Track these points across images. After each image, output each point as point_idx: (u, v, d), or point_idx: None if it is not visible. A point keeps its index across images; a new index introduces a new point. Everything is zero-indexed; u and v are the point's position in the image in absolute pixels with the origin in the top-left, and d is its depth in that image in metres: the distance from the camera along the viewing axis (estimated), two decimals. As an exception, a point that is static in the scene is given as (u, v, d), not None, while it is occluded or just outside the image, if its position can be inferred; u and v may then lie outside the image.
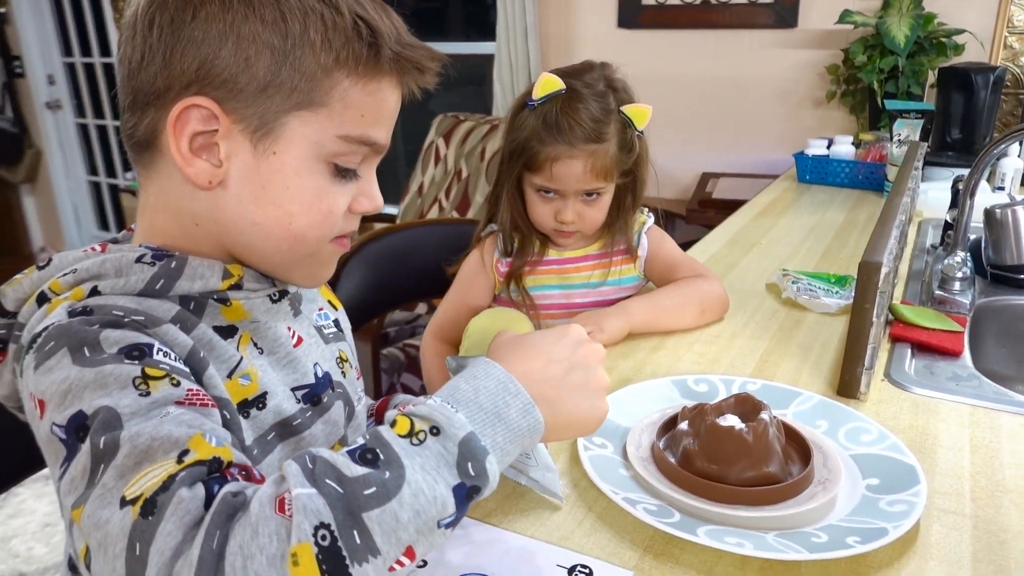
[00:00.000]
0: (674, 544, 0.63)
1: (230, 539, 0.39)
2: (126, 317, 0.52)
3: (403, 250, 1.37)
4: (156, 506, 0.40)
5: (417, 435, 0.44)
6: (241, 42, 0.52)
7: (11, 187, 4.23)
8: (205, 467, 0.43)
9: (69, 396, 0.46)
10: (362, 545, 0.39)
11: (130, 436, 0.43)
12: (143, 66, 0.54)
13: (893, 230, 0.95)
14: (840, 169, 2.00)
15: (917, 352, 1.00)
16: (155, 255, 0.57)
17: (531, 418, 0.49)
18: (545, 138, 1.03)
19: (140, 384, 0.47)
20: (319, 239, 0.59)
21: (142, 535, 0.39)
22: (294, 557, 0.38)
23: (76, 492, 0.43)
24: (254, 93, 0.53)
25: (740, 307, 1.15)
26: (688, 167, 2.77)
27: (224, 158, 0.55)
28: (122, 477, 0.42)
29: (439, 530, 0.43)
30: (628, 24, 2.72)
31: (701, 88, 2.69)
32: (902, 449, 0.72)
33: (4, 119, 4.02)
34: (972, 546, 0.63)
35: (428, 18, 3.50)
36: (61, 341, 0.49)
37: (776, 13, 2.50)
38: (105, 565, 0.40)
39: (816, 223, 1.66)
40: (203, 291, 0.58)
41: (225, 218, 0.57)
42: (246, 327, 0.62)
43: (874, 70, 2.16)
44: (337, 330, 0.75)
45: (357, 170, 0.60)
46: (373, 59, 0.56)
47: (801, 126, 2.53)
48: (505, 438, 0.47)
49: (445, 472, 0.43)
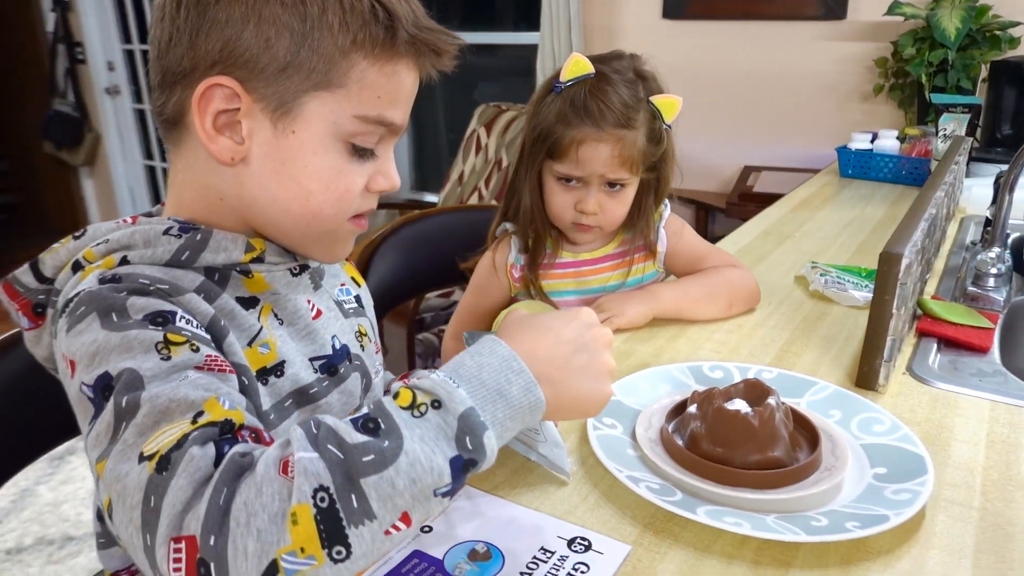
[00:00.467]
0: (674, 522, 0.64)
1: (236, 496, 0.41)
2: (152, 285, 0.55)
3: (436, 235, 1.40)
4: (170, 462, 0.42)
5: (419, 407, 0.45)
6: (262, 24, 0.55)
7: (72, 169, 4.40)
8: (217, 428, 0.45)
9: (97, 358, 0.49)
10: (359, 509, 0.41)
11: (150, 397, 0.46)
12: (171, 46, 0.57)
13: (921, 223, 0.94)
14: (883, 164, 1.96)
15: (943, 347, 0.99)
16: (182, 228, 0.60)
17: (532, 396, 0.50)
18: (572, 120, 0.99)
19: (162, 349, 0.50)
20: (336, 216, 0.62)
21: (156, 489, 0.42)
22: (293, 516, 0.40)
23: (100, 447, 0.46)
24: (274, 73, 0.56)
25: (766, 298, 1.14)
26: (730, 160, 2.74)
27: (246, 136, 0.58)
28: (142, 435, 0.45)
29: (435, 498, 0.44)
30: (673, 15, 2.70)
31: (746, 80, 2.66)
32: (913, 440, 0.72)
33: (66, 104, 4.18)
34: (976, 537, 0.63)
35: (477, 7, 3.53)
36: (91, 306, 0.52)
37: (825, 5, 2.45)
38: (123, 515, 0.43)
39: (854, 218, 1.63)
40: (226, 263, 0.61)
41: (247, 194, 0.60)
42: (267, 299, 0.64)
43: (922, 63, 2.11)
44: (358, 305, 0.78)
45: (374, 150, 0.62)
46: (390, 41, 0.57)
47: (847, 120, 2.48)
48: (505, 414, 0.48)
49: (443, 444, 0.45)
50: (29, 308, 0.60)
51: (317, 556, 0.40)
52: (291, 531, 0.40)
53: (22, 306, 0.61)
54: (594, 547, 0.61)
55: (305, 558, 0.40)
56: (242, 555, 0.39)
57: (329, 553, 0.40)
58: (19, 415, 0.82)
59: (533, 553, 0.60)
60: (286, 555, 0.40)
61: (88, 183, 4.48)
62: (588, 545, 0.61)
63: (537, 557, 0.60)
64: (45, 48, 4.16)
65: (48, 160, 4.36)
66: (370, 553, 0.42)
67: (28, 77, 4.32)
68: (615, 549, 0.61)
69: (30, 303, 0.60)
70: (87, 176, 4.46)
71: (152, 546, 0.41)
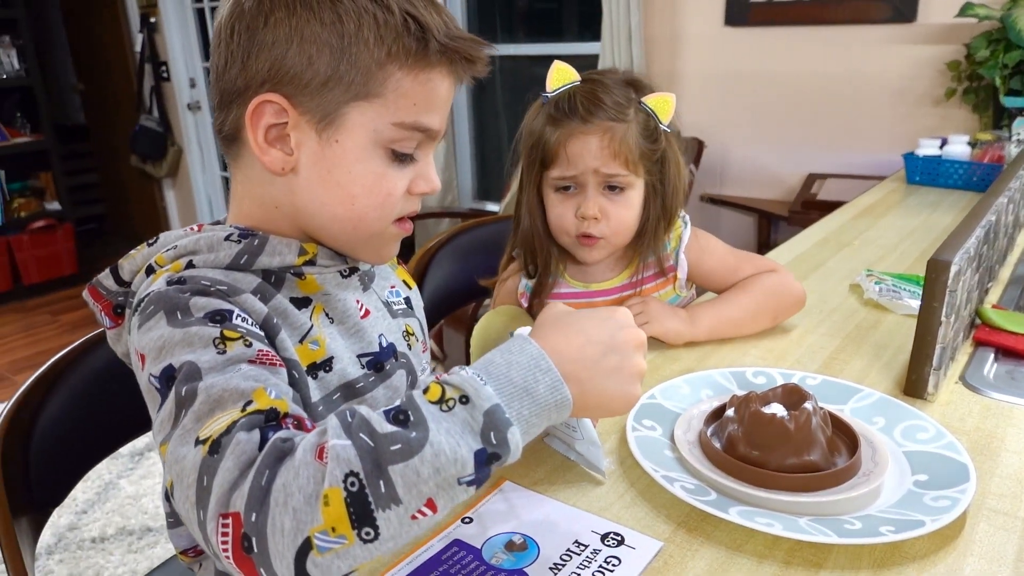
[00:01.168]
0: (708, 522, 0.65)
1: (276, 478, 0.44)
2: (212, 287, 0.60)
3: (491, 242, 1.43)
4: (220, 446, 0.47)
5: (447, 402, 0.48)
6: (304, 43, 0.59)
7: (155, 181, 4.65)
8: (263, 416, 0.49)
9: (163, 352, 0.55)
10: (386, 494, 0.44)
11: (206, 387, 0.51)
12: (227, 69, 0.63)
13: (976, 230, 0.92)
14: (953, 170, 1.90)
15: (1001, 357, 0.96)
16: (241, 234, 0.65)
17: (559, 394, 0.51)
18: (559, 120, 0.95)
19: (219, 344, 0.54)
20: (380, 219, 0.66)
21: (208, 469, 0.46)
22: (325, 498, 0.43)
23: (163, 432, 0.51)
24: (317, 88, 0.60)
25: (817, 306, 1.14)
26: (794, 168, 2.70)
27: (295, 147, 0.63)
28: (198, 420, 0.49)
29: (460, 487, 0.46)
30: (736, 22, 2.68)
31: (811, 87, 2.61)
32: (958, 448, 0.72)
33: (151, 119, 4.41)
34: (1019, 547, 0.62)
35: (543, 19, 3.57)
36: (159, 305, 0.58)
37: (893, 7, 2.40)
38: (182, 493, 0.48)
39: (918, 225, 1.60)
40: (281, 266, 0.66)
41: (299, 201, 0.65)
42: (319, 299, 0.69)
43: (996, 65, 2.04)
44: (407, 307, 0.82)
45: (414, 154, 0.66)
46: (422, 52, 0.61)
47: (919, 125, 2.41)
48: (531, 411, 0.50)
49: (468, 437, 0.47)
50: (110, 309, 0.67)
51: (347, 536, 0.43)
52: (323, 512, 0.43)
53: (104, 307, 0.67)
54: (627, 542, 0.63)
55: (336, 537, 0.43)
56: (279, 532, 0.43)
57: (359, 533, 0.44)
58: (100, 410, 0.89)
59: (567, 546, 0.63)
60: (318, 534, 0.43)
61: (170, 194, 4.72)
62: (621, 540, 0.63)
63: (571, 550, 0.62)
64: (133, 67, 4.42)
65: (134, 173, 4.61)
66: (399, 535, 0.45)
67: (118, 95, 4.58)
68: (647, 545, 0.63)
69: (111, 304, 0.67)
70: (169, 187, 4.69)
71: (204, 521, 0.45)
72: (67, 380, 0.85)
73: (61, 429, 0.85)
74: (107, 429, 0.92)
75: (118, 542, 1.99)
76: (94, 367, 0.88)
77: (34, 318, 3.72)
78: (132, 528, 2.05)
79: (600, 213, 0.98)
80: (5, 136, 3.93)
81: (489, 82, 3.64)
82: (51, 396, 0.83)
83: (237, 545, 0.44)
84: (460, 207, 3.59)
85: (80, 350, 0.87)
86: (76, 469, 0.89)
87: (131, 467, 2.32)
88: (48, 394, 0.83)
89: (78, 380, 0.86)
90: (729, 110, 2.78)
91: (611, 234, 1.00)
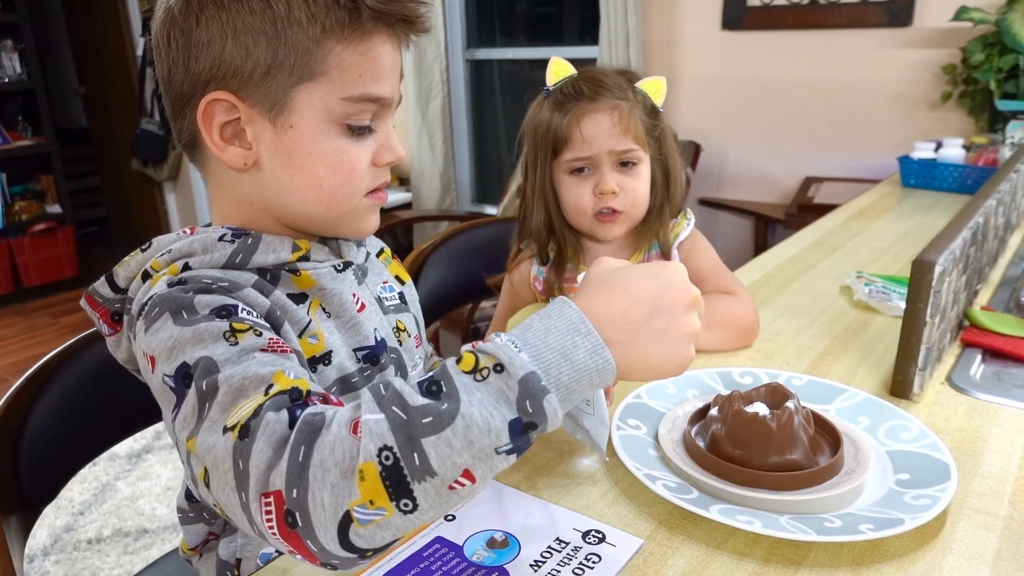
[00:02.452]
0: (689, 520, 0.66)
1: (313, 453, 0.45)
2: (214, 284, 0.61)
3: (485, 245, 1.44)
4: (249, 429, 0.48)
5: (481, 371, 0.47)
6: (239, 35, 0.60)
7: (156, 184, 4.66)
8: (287, 395, 0.50)
9: (174, 351, 0.55)
10: (420, 467, 0.44)
11: (226, 378, 0.51)
12: (172, 78, 0.63)
13: (962, 231, 0.93)
14: (947, 173, 1.91)
15: (988, 358, 0.97)
16: (234, 234, 0.66)
17: (600, 359, 0.48)
18: (567, 105, 1.00)
19: (229, 337, 0.55)
20: (351, 194, 0.66)
21: (242, 453, 0.47)
22: (361, 473, 0.44)
23: (189, 427, 0.52)
24: (260, 77, 0.61)
25: (808, 307, 1.14)
26: (791, 171, 2.70)
27: (252, 140, 0.63)
28: (223, 411, 0.50)
29: (498, 456, 0.45)
30: (733, 26, 2.69)
31: (807, 90, 2.62)
32: (940, 447, 0.72)
33: (152, 123, 4.42)
34: (997, 545, 0.62)
35: (543, 22, 3.58)
36: (164, 307, 0.58)
37: (889, 12, 2.40)
38: (219, 480, 0.48)
39: (911, 228, 1.60)
40: (276, 263, 0.67)
41: (268, 193, 0.66)
42: (315, 294, 0.70)
43: (991, 69, 2.05)
44: (401, 302, 0.82)
45: (371, 126, 0.66)
46: (356, 21, 0.61)
47: (915, 129, 2.42)
48: (571, 377, 0.48)
49: (503, 407, 0.46)
50: (108, 316, 0.67)
51: (386, 508, 0.44)
52: (359, 486, 0.44)
53: (102, 314, 0.67)
54: (608, 539, 0.63)
55: (375, 509, 0.44)
56: (320, 507, 0.44)
57: (397, 505, 0.44)
58: (91, 410, 0.90)
59: (548, 543, 0.63)
60: (357, 507, 0.44)
61: (171, 197, 4.73)
62: (602, 537, 0.64)
63: (552, 546, 0.62)
64: (135, 71, 4.43)
65: (135, 176, 4.62)
66: (439, 504, 0.45)
67: (120, 98, 4.60)
68: (628, 542, 0.63)
69: (109, 311, 0.67)
70: (170, 190, 4.71)
71: (247, 502, 0.46)
72: (58, 380, 0.85)
73: (52, 429, 0.85)
74: (98, 429, 0.93)
75: (114, 543, 2.00)
76: (85, 368, 0.88)
77: (34, 320, 3.73)
78: (128, 529, 2.05)
79: (617, 187, 1.01)
80: (7, 139, 3.94)
81: (488, 86, 3.65)
82: (42, 396, 0.84)
83: (281, 521, 0.45)
84: (459, 210, 3.59)
85: (71, 351, 0.87)
86: (67, 468, 0.89)
87: (128, 469, 2.32)
88: (39, 394, 0.84)
89: (69, 380, 0.87)
90: (726, 114, 2.79)
91: (630, 207, 1.03)
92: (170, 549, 1.95)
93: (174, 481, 2.26)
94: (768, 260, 1.40)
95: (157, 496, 2.20)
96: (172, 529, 2.05)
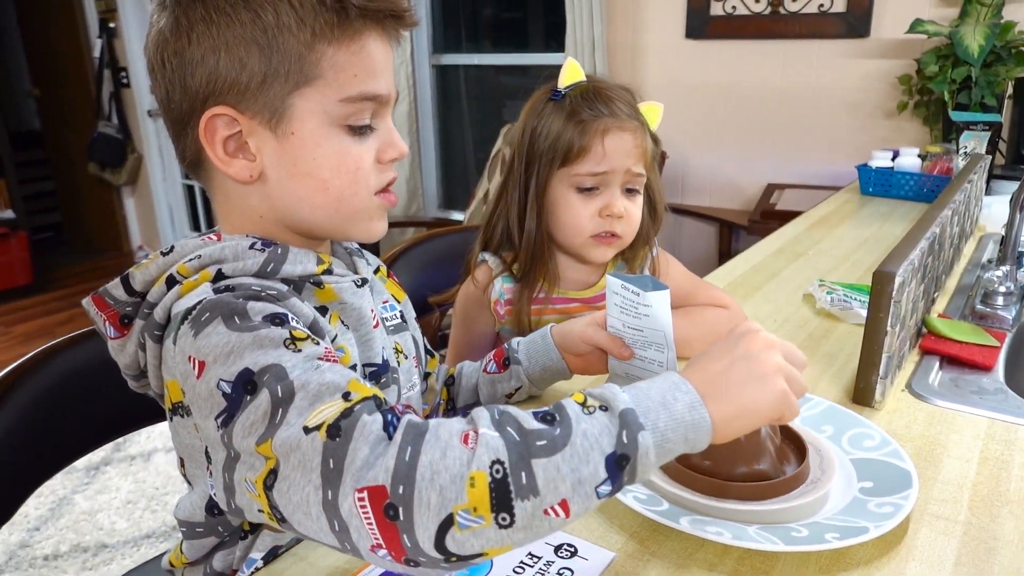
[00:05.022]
0: (659, 532, 0.66)
1: (421, 455, 0.46)
2: (263, 291, 0.60)
3: (447, 254, 1.43)
4: (341, 430, 0.48)
5: (588, 407, 0.50)
6: (231, 48, 0.59)
7: (114, 188, 4.56)
8: (372, 401, 0.51)
9: (231, 356, 0.54)
10: (526, 485, 0.46)
11: (301, 384, 0.51)
12: (171, 99, 0.63)
13: (920, 242, 0.95)
14: (904, 182, 1.96)
15: (946, 365, 0.99)
16: (263, 243, 0.65)
17: (697, 413, 0.51)
18: (587, 115, 0.95)
19: (290, 344, 0.55)
20: (358, 195, 0.66)
21: (334, 452, 0.47)
22: (472, 480, 0.45)
23: (257, 432, 0.51)
24: (257, 87, 0.60)
25: (772, 316, 1.16)
26: (753, 178, 2.75)
27: (256, 152, 0.63)
28: (301, 415, 0.50)
29: (591, 491, 0.47)
30: (696, 35, 2.73)
31: (769, 99, 2.67)
32: (901, 455, 0.74)
33: (110, 126, 4.34)
34: (958, 551, 0.64)
35: (509, 29, 3.59)
36: (215, 312, 0.57)
37: (847, 23, 2.46)
38: (298, 479, 0.48)
39: (870, 236, 1.64)
40: (303, 274, 0.66)
41: (277, 203, 0.65)
42: (335, 307, 0.69)
43: (945, 80, 2.11)
44: (400, 321, 0.81)
45: (371, 124, 0.66)
46: (345, 21, 0.61)
47: (873, 137, 2.48)
48: (667, 425, 0.50)
49: (604, 440, 0.48)
50: (116, 319, 0.65)
51: (486, 517, 0.45)
52: (468, 492, 0.45)
53: (110, 317, 0.65)
54: (579, 553, 0.64)
55: (476, 517, 0.45)
56: (425, 506, 0.45)
57: (496, 517, 0.45)
58: (48, 428, 0.87)
59: (521, 558, 0.63)
60: (461, 511, 0.45)
61: (130, 202, 4.64)
62: (574, 551, 0.64)
63: (524, 562, 0.62)
64: (92, 73, 4.34)
65: (91, 180, 4.52)
66: (530, 527, 0.46)
67: (75, 101, 4.50)
68: (599, 556, 0.63)
69: (118, 314, 0.65)
70: (128, 195, 4.61)
71: (335, 499, 0.46)
72: (13, 397, 0.83)
73: (6, 447, 0.83)
74: (55, 446, 0.90)
75: (72, 559, 1.94)
76: (43, 384, 0.86)
77: (-14, 329, 3.62)
78: (87, 545, 2.00)
79: (623, 210, 0.98)
80: (-44, 142, 3.83)
81: (454, 91, 3.65)
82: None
83: (381, 514, 0.45)
84: (425, 216, 3.58)
85: (28, 366, 0.85)
86: (24, 486, 0.87)
87: (86, 482, 2.26)
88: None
89: (25, 397, 0.84)
90: (690, 121, 2.83)
91: (629, 232, 1.01)
92: (130, 564, 1.92)
93: (134, 494, 2.21)
94: (733, 268, 1.42)
95: (117, 510, 2.14)
96: (132, 543, 2.01)
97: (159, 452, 2.42)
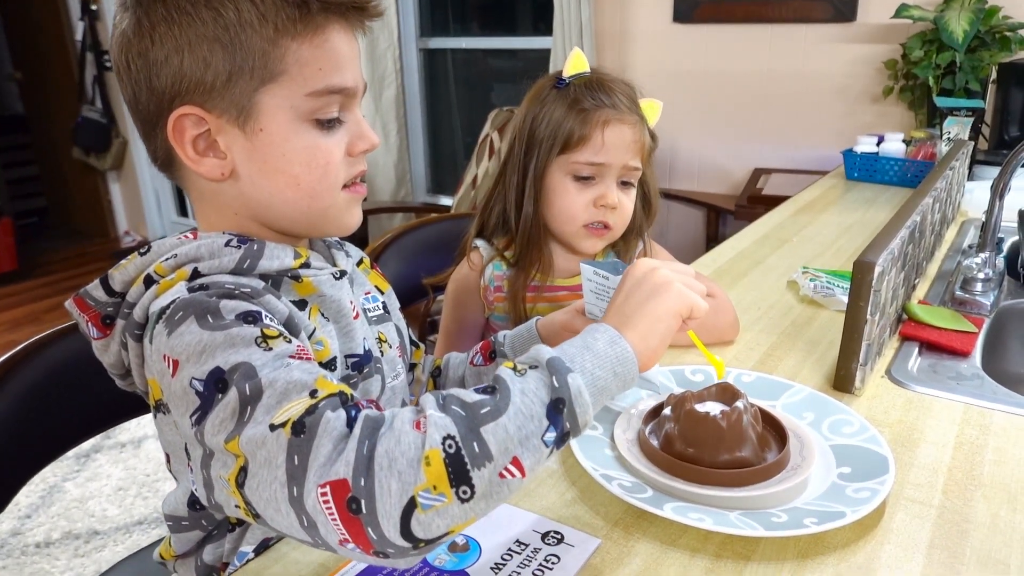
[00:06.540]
0: (644, 519, 0.68)
1: (378, 446, 0.47)
2: (236, 289, 0.60)
3: (437, 241, 1.44)
4: (305, 426, 0.49)
5: (519, 371, 0.54)
6: (194, 47, 0.60)
7: (99, 174, 4.52)
8: (337, 398, 0.52)
9: (204, 354, 0.55)
10: (479, 452, 0.48)
11: (269, 382, 0.52)
12: (138, 99, 0.63)
13: (901, 230, 0.97)
14: (889, 167, 1.98)
15: (925, 351, 1.01)
16: (239, 240, 0.66)
17: (618, 347, 0.57)
18: (589, 105, 0.98)
19: (262, 342, 0.55)
20: (329, 189, 0.67)
21: (298, 449, 0.48)
22: (427, 459, 0.47)
23: (226, 429, 0.52)
24: (223, 86, 0.61)
25: (756, 303, 1.18)
26: (740, 162, 2.76)
27: (226, 150, 0.63)
28: (268, 412, 0.51)
29: (539, 443, 0.50)
30: (684, 19, 2.73)
31: (756, 83, 2.68)
32: (879, 441, 0.76)
33: (94, 110, 4.29)
34: (931, 534, 0.66)
35: (496, 13, 3.57)
36: (188, 311, 0.58)
37: (834, 7, 2.47)
38: (265, 476, 0.49)
39: (855, 221, 1.66)
40: (280, 269, 0.67)
41: (249, 200, 0.66)
42: (314, 300, 0.70)
43: (930, 65, 2.12)
44: (384, 311, 0.82)
45: (340, 117, 0.66)
46: (307, 16, 0.61)
47: (858, 122, 2.49)
48: (593, 364, 0.55)
49: (542, 391, 0.52)
50: (98, 319, 0.66)
51: (447, 494, 0.47)
52: (425, 471, 0.47)
53: (91, 318, 0.66)
54: (566, 540, 0.65)
55: (437, 495, 0.47)
56: (387, 493, 0.46)
57: (456, 492, 0.47)
58: (40, 418, 0.88)
59: (508, 546, 0.64)
60: (422, 492, 0.46)
61: (115, 187, 4.60)
62: (560, 538, 0.66)
63: (512, 549, 0.64)
64: (74, 56, 4.28)
65: (76, 165, 4.48)
66: (489, 495, 0.48)
67: (58, 85, 4.44)
68: (585, 542, 0.65)
69: (99, 315, 0.66)
70: (114, 180, 4.57)
71: (300, 495, 0.48)
72: (4, 389, 0.84)
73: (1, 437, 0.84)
74: (48, 437, 0.91)
75: (64, 546, 1.96)
76: (34, 375, 0.87)
77: (-29, 317, 3.60)
78: (79, 532, 2.01)
79: (617, 202, 1.02)
80: (-62, 128, 3.78)
81: (442, 75, 3.63)
82: (-11, 404, 0.82)
83: (343, 508, 0.46)
84: (414, 201, 3.58)
85: (19, 358, 0.86)
86: (17, 476, 0.88)
87: (77, 469, 2.27)
88: (-15, 402, 0.82)
89: (17, 388, 0.85)
90: (677, 105, 2.83)
91: (620, 225, 1.04)
92: (122, 550, 1.93)
93: (125, 481, 2.22)
94: (720, 255, 1.43)
95: (108, 497, 2.15)
96: (124, 530, 2.02)
97: (149, 439, 2.43)
